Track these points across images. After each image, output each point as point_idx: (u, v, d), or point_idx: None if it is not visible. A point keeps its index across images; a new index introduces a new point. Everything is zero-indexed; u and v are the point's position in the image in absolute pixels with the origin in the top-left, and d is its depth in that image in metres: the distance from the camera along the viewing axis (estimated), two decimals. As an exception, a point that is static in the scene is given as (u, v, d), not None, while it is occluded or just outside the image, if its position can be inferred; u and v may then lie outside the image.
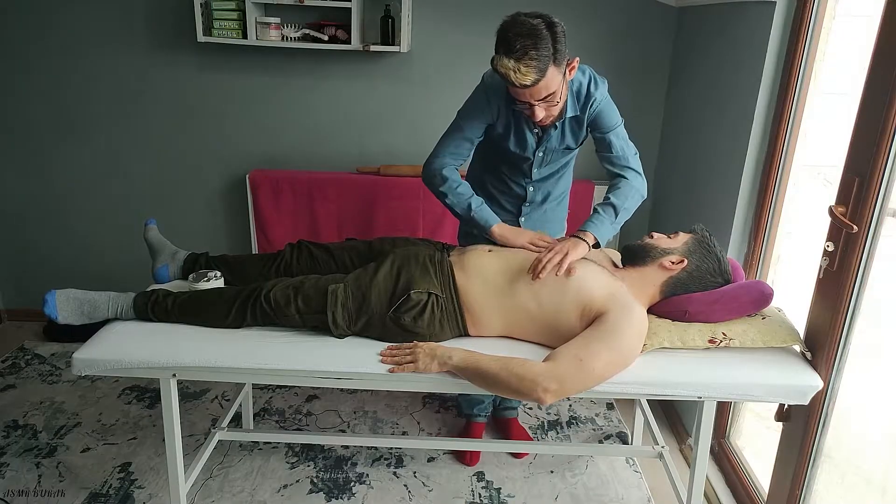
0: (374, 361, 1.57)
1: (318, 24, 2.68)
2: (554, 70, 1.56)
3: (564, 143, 1.86)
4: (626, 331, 1.51)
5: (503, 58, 1.53)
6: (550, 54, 1.53)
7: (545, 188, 2.01)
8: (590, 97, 1.77)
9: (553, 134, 1.83)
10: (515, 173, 1.97)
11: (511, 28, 1.53)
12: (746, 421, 2.20)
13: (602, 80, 1.81)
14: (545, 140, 1.85)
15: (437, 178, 1.85)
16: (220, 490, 2.11)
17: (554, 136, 1.84)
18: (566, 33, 1.56)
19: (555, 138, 1.84)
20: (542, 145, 1.86)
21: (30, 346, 3.01)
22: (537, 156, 1.89)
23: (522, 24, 1.52)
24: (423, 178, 1.90)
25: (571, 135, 1.85)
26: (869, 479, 1.72)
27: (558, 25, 1.55)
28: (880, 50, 1.36)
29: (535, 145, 1.87)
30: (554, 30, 1.54)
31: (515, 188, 2.00)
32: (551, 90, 1.61)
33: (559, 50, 1.55)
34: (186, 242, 2.13)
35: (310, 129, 2.92)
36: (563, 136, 1.85)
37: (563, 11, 2.70)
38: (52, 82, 2.85)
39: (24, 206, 3.05)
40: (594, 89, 1.78)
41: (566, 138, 1.85)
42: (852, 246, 1.42)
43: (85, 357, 1.58)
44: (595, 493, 2.15)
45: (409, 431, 2.45)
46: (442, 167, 1.84)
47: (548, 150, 1.88)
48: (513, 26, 1.53)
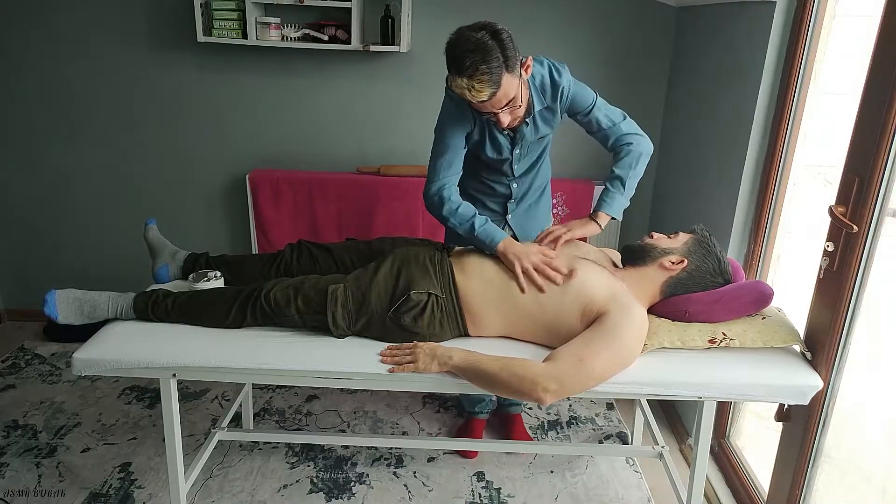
0: (374, 361, 1.57)
1: (318, 24, 2.68)
2: (508, 77, 1.55)
3: (538, 133, 1.87)
4: (626, 331, 1.51)
5: (456, 77, 1.53)
6: (501, 63, 1.52)
7: (527, 181, 2.02)
8: (557, 86, 1.77)
9: (526, 130, 1.84)
10: (496, 174, 1.98)
11: (457, 46, 1.52)
12: (746, 421, 2.20)
13: (562, 66, 1.81)
14: (519, 138, 1.85)
15: (436, 201, 1.79)
16: (220, 490, 2.11)
17: (527, 131, 1.84)
18: (512, 37, 1.55)
19: (529, 133, 1.85)
20: (517, 144, 1.87)
21: (30, 346, 3.01)
22: (515, 153, 1.90)
23: (468, 40, 1.51)
24: (426, 207, 1.84)
25: (544, 123, 1.85)
26: (869, 479, 1.72)
27: (503, 32, 1.53)
28: (880, 50, 1.36)
29: (511, 145, 1.87)
30: (500, 38, 1.52)
31: (499, 188, 2.01)
32: (510, 96, 1.60)
33: (509, 56, 1.53)
34: (186, 242, 2.13)
35: (310, 130, 2.92)
36: (536, 129, 1.85)
37: (563, 11, 2.73)
38: (52, 82, 2.85)
39: (24, 206, 3.06)
40: (558, 77, 1.77)
41: (539, 129, 1.86)
42: (852, 246, 1.42)
43: (85, 357, 1.58)
44: (595, 493, 2.15)
45: (409, 431, 2.45)
46: (441, 189, 1.79)
47: (524, 145, 1.89)
48: (459, 44, 1.52)
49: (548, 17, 2.72)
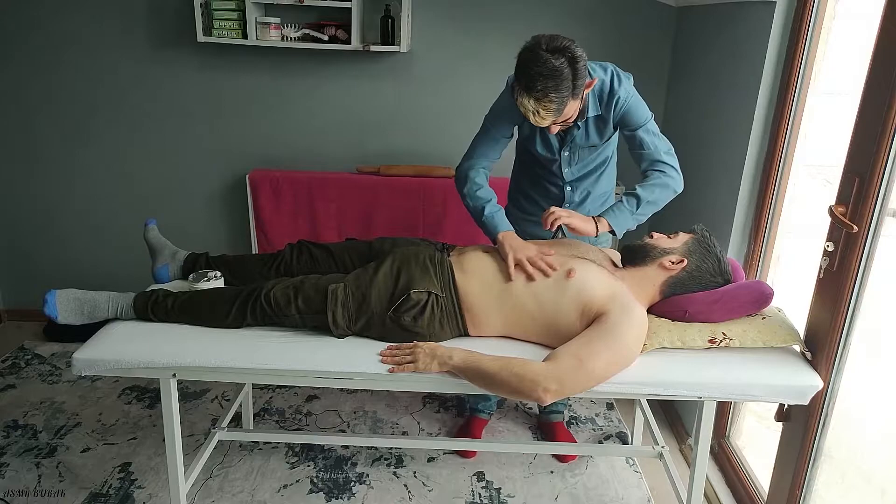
0: (374, 361, 1.57)
1: (318, 24, 2.68)
2: (572, 102, 1.55)
3: (589, 140, 1.86)
4: (626, 331, 1.51)
5: (523, 95, 1.52)
6: (570, 91, 1.51)
7: (583, 188, 2.00)
8: (613, 94, 1.76)
9: (576, 133, 1.83)
10: (548, 174, 1.98)
11: (532, 65, 1.50)
12: (746, 421, 2.20)
13: (626, 76, 1.80)
14: (569, 139, 1.85)
15: (461, 179, 1.88)
16: (220, 490, 2.11)
17: (577, 134, 1.84)
18: (586, 62, 1.53)
19: (579, 137, 1.85)
20: (566, 145, 1.87)
21: (30, 346, 3.01)
22: (563, 155, 1.89)
23: (544, 64, 1.48)
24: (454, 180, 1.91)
25: (596, 132, 1.85)
26: (869, 479, 1.72)
27: (580, 59, 1.51)
28: (880, 50, 1.36)
29: (560, 145, 1.87)
30: (576, 66, 1.50)
31: (552, 189, 2.00)
32: (567, 117, 1.61)
33: (578, 85, 1.53)
34: (186, 242, 2.13)
35: (310, 129, 2.92)
36: (587, 135, 1.84)
37: (563, 11, 2.73)
38: (52, 82, 2.85)
39: (24, 206, 3.05)
40: (617, 86, 1.76)
41: (591, 136, 1.85)
42: (852, 246, 1.42)
43: (85, 357, 1.58)
44: (595, 493, 2.15)
45: (409, 431, 2.45)
46: (469, 168, 1.86)
47: (573, 149, 1.88)
48: (534, 63, 1.49)
49: (548, 17, 2.72)
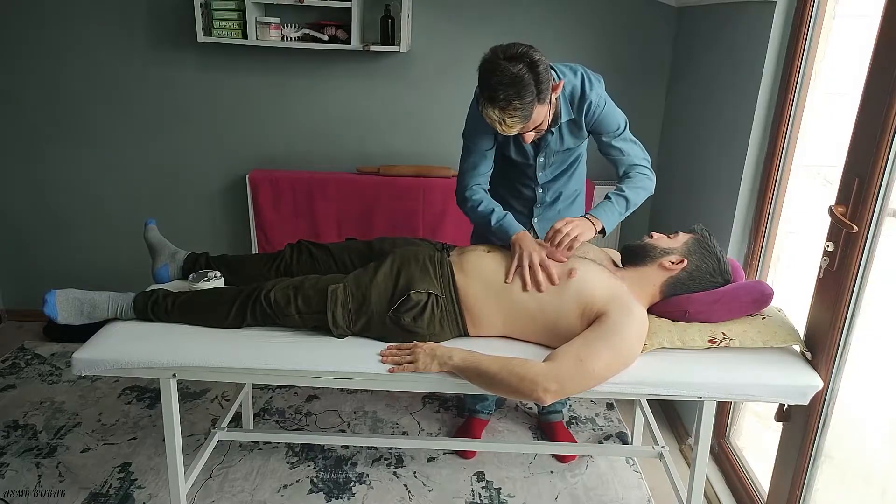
0: (374, 361, 1.57)
1: (317, 24, 2.68)
2: (539, 108, 1.54)
3: (564, 145, 1.86)
4: (626, 331, 1.51)
5: (487, 106, 1.51)
6: (534, 97, 1.50)
7: (555, 189, 2.00)
8: (585, 98, 1.74)
9: (551, 139, 1.83)
10: (522, 177, 1.97)
11: (492, 75, 1.48)
12: (746, 421, 2.20)
13: (597, 79, 1.78)
14: (543, 145, 1.85)
15: (461, 203, 1.89)
16: (220, 490, 2.11)
17: (552, 140, 1.83)
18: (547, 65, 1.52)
19: (553, 142, 1.84)
20: (541, 151, 1.86)
21: (30, 346, 3.01)
22: (538, 161, 1.89)
23: (503, 73, 1.47)
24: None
25: (570, 136, 1.84)
26: (869, 479, 1.72)
27: (540, 63, 1.49)
28: (880, 50, 1.36)
29: (535, 151, 1.87)
30: (536, 70, 1.48)
31: (525, 191, 2.00)
32: (538, 123, 1.60)
33: (543, 89, 1.51)
34: (186, 242, 2.13)
35: (310, 129, 2.92)
36: (561, 139, 1.84)
37: (563, 11, 2.73)
38: (51, 82, 2.85)
39: (24, 206, 3.05)
40: (589, 90, 1.74)
41: (565, 141, 1.85)
42: (852, 246, 1.42)
43: (85, 357, 1.58)
44: (595, 493, 2.15)
45: (409, 431, 2.45)
46: (464, 191, 1.86)
47: (548, 153, 1.88)
48: (493, 73, 1.48)
49: (548, 18, 2.72)
